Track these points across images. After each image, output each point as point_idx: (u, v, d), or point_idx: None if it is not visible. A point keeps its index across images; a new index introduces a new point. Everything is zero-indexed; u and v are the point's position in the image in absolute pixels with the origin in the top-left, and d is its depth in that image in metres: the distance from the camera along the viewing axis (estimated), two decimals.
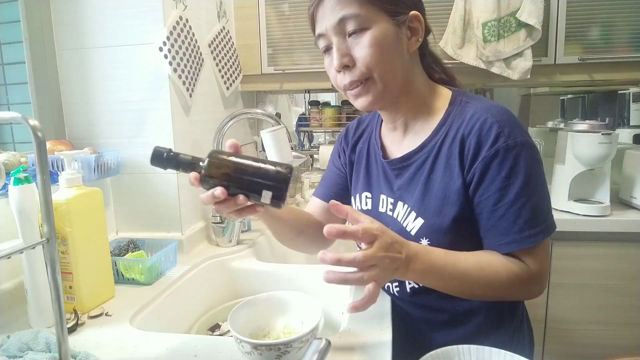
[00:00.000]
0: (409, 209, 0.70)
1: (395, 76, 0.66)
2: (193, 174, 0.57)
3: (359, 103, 0.69)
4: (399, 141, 0.75)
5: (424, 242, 0.68)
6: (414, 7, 0.67)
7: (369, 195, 0.79)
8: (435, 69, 0.76)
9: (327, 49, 0.68)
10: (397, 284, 0.76)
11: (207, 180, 0.57)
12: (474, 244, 0.67)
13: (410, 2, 0.67)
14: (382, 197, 0.76)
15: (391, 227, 0.64)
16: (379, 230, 0.56)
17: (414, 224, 0.69)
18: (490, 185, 0.62)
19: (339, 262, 0.53)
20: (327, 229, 0.53)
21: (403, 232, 0.70)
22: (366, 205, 0.80)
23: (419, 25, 0.67)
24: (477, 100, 0.68)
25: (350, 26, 0.63)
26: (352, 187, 0.85)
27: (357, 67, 0.65)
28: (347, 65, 0.65)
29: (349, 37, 0.65)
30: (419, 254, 0.60)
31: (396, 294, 0.77)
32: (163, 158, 0.57)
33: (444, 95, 0.72)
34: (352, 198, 0.84)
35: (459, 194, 0.64)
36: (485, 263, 0.63)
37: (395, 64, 0.66)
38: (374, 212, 0.77)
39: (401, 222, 0.72)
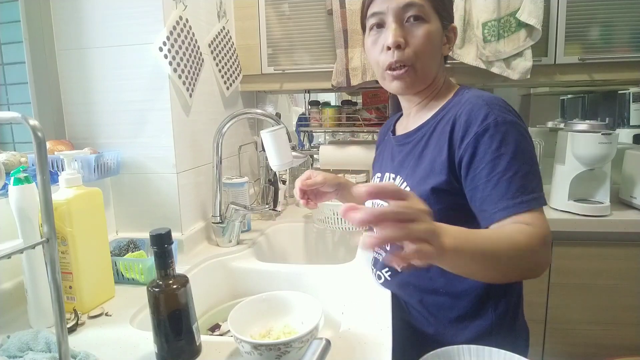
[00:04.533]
0: (402, 180, 0.78)
1: (430, 70, 0.76)
2: None
3: (395, 85, 0.76)
4: (406, 123, 0.85)
5: None
6: (452, 21, 0.78)
7: (379, 175, 0.89)
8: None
9: (379, 26, 0.75)
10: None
11: None
12: (447, 218, 0.55)
13: (452, 16, 0.79)
14: (387, 174, 0.85)
15: None
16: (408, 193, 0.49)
17: None
18: (483, 158, 0.65)
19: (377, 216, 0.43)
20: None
21: None
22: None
23: (453, 36, 0.79)
24: (476, 90, 0.74)
25: (412, 13, 0.72)
26: (372, 171, 0.95)
27: (407, 50, 0.73)
28: (399, 45, 0.72)
29: (405, 22, 0.73)
30: (444, 227, 0.50)
31: (387, 277, 0.82)
32: None
33: (453, 88, 0.80)
34: (371, 180, 0.94)
35: (443, 166, 0.70)
36: (500, 232, 0.60)
37: (434, 60, 0.76)
38: None
39: None
